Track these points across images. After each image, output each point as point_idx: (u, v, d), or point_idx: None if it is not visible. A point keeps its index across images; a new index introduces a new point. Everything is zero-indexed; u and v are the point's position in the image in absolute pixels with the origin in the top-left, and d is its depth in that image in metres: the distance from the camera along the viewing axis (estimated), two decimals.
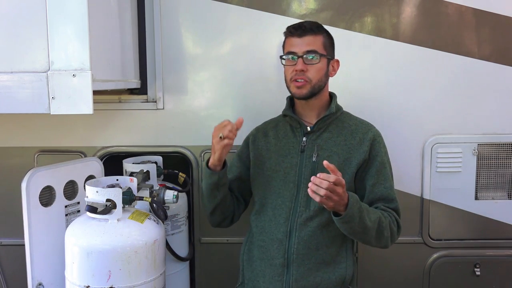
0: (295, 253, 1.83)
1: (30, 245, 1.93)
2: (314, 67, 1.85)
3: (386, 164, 1.92)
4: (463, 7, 2.35)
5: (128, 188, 1.87)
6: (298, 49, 1.85)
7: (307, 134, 1.92)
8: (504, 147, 2.42)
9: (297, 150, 1.91)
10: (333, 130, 1.92)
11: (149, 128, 2.47)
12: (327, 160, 1.70)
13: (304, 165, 1.88)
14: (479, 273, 2.49)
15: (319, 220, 1.83)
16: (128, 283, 1.76)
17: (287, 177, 1.89)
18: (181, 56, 2.43)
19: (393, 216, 1.85)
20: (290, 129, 1.97)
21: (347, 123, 1.95)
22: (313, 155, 1.87)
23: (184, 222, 2.37)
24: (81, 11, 1.64)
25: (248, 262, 1.99)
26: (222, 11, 2.38)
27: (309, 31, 1.87)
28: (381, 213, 1.81)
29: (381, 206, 1.86)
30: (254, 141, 2.03)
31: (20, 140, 2.47)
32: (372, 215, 1.74)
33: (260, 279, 1.91)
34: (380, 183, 1.87)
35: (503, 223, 2.46)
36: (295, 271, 1.83)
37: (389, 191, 1.88)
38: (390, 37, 2.37)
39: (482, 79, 2.39)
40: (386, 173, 1.90)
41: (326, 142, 1.89)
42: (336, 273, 1.85)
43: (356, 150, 1.88)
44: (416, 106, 2.41)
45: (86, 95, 1.66)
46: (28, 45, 1.68)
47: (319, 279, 1.83)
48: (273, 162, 1.94)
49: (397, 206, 1.89)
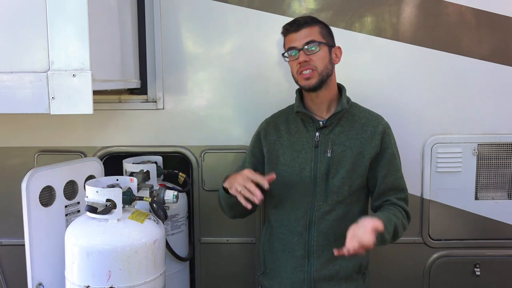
0: (315, 245, 1.91)
1: (30, 245, 1.93)
2: (316, 55, 1.87)
3: (396, 155, 1.98)
4: (463, 7, 2.35)
5: (128, 188, 1.87)
6: (297, 43, 1.88)
7: (319, 129, 1.94)
8: (504, 147, 2.42)
9: (311, 145, 1.94)
10: (345, 124, 1.95)
11: (149, 128, 2.47)
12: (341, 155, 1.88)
13: (320, 160, 1.92)
14: (479, 273, 2.48)
15: (336, 214, 1.90)
16: (128, 283, 1.76)
17: (303, 172, 1.93)
18: (181, 56, 2.42)
19: (403, 210, 1.92)
20: (302, 123, 1.98)
21: (358, 116, 1.98)
22: (328, 150, 1.91)
23: (184, 222, 2.37)
24: (81, 11, 1.64)
25: (270, 253, 2.05)
26: (222, 11, 2.38)
27: (304, 24, 1.90)
28: (394, 215, 1.86)
29: (392, 199, 1.93)
30: (266, 136, 2.04)
31: (20, 140, 2.47)
32: (389, 227, 1.78)
33: (282, 269, 1.98)
34: (391, 173, 1.94)
35: (503, 223, 2.46)
36: (315, 262, 1.91)
37: (399, 181, 1.97)
38: (390, 37, 2.37)
39: (482, 79, 2.39)
40: (396, 164, 1.96)
41: (338, 137, 1.93)
42: (353, 261, 1.91)
43: (368, 143, 1.92)
44: (416, 106, 2.41)
45: (86, 95, 1.66)
46: (28, 45, 1.68)
47: (338, 267, 1.91)
48: (288, 158, 1.96)
49: (407, 195, 1.98)
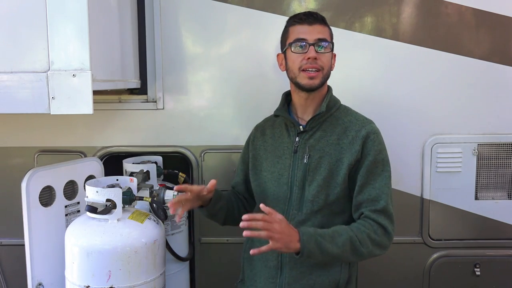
0: (288, 255, 1.79)
1: (30, 245, 1.93)
2: (325, 56, 1.78)
3: (379, 162, 1.78)
4: (463, 7, 2.35)
5: (128, 188, 1.87)
6: (309, 36, 1.76)
7: (299, 134, 1.85)
8: (504, 147, 2.42)
9: (291, 150, 1.85)
10: (327, 128, 1.83)
11: (149, 128, 2.47)
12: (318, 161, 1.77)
13: (297, 167, 1.82)
14: (479, 273, 2.49)
15: (312, 224, 1.78)
16: (128, 283, 1.76)
17: (281, 179, 1.85)
18: (181, 56, 2.43)
19: (374, 224, 1.73)
20: (285, 128, 1.91)
21: (342, 120, 1.84)
22: (305, 156, 1.81)
23: (184, 222, 2.37)
24: (81, 11, 1.64)
25: (248, 260, 1.98)
26: (222, 11, 2.38)
27: (320, 20, 1.81)
28: (353, 229, 1.70)
29: (366, 212, 1.75)
30: (253, 141, 2.01)
31: (20, 140, 2.47)
32: (339, 239, 1.65)
33: (257, 279, 1.91)
34: (369, 183, 1.76)
35: (503, 223, 2.46)
36: (287, 274, 1.80)
37: (377, 191, 1.75)
38: (390, 37, 2.37)
39: (482, 79, 2.39)
40: (377, 173, 1.77)
41: (318, 142, 1.82)
42: (330, 277, 1.80)
43: (347, 149, 1.78)
44: (416, 106, 2.41)
45: (86, 95, 1.66)
46: (28, 45, 1.68)
47: (312, 282, 1.79)
48: (269, 163, 1.90)
49: (385, 206, 1.74)
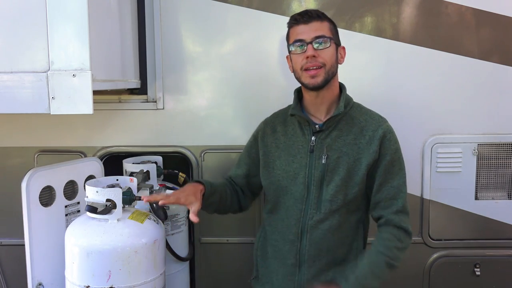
0: (307, 254, 1.84)
1: (30, 245, 1.93)
2: (325, 51, 1.77)
3: (396, 162, 1.83)
4: (463, 7, 2.35)
5: (128, 188, 1.87)
6: (306, 35, 1.77)
7: (315, 133, 1.85)
8: (504, 147, 2.42)
9: (306, 150, 1.85)
10: (343, 127, 1.84)
11: (149, 128, 2.47)
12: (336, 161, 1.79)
13: (314, 166, 1.83)
14: (479, 273, 2.49)
15: (330, 223, 1.81)
16: (128, 283, 1.76)
17: (297, 178, 1.85)
18: (181, 56, 2.42)
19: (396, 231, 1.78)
20: (298, 126, 1.89)
21: (357, 119, 1.86)
22: (323, 156, 1.82)
23: (184, 222, 2.36)
24: (81, 11, 1.63)
25: (262, 258, 2.00)
26: (222, 11, 2.38)
27: (316, 17, 1.80)
28: (383, 249, 1.75)
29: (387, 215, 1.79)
30: (263, 138, 1.98)
31: (20, 140, 2.47)
32: (377, 270, 1.73)
33: (273, 277, 1.94)
34: (387, 182, 1.81)
35: (503, 223, 2.46)
36: (306, 271, 1.85)
37: (395, 190, 1.81)
38: (390, 37, 2.37)
39: (482, 79, 2.39)
40: (394, 171, 1.82)
41: (335, 142, 1.83)
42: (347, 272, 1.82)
43: (365, 150, 1.81)
44: (416, 106, 2.41)
45: (86, 95, 1.66)
46: (28, 45, 1.68)
47: (329, 278, 1.84)
48: (283, 162, 1.89)
49: (403, 205, 1.81)
